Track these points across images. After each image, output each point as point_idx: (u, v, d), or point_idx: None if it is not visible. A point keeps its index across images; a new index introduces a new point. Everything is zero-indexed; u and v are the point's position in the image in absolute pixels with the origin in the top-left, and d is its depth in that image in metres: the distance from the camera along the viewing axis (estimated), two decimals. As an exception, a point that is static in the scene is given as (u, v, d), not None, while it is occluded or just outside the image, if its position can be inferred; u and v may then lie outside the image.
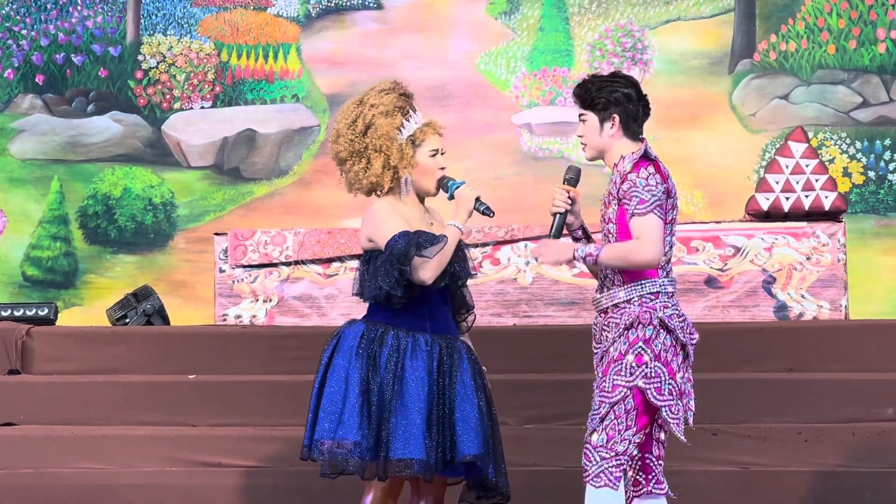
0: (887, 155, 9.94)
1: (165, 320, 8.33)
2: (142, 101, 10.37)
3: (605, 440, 4.81)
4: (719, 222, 8.21)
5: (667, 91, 9.83)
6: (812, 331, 7.47)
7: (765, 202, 8.14)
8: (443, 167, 5.15)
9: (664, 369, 4.82)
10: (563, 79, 10.16)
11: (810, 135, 9.07)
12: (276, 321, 8.14)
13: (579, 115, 5.00)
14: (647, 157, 4.89)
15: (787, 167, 8.21)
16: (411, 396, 4.93)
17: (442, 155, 5.15)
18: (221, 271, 8.25)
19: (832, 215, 8.10)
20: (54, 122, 10.38)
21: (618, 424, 4.80)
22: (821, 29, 10.04)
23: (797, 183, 8.15)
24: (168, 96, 10.37)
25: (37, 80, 10.39)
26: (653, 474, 4.97)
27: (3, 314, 8.08)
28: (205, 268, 9.45)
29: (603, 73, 5.13)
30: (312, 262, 8.21)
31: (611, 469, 4.80)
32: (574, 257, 4.88)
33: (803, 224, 8.05)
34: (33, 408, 7.32)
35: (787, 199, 8.13)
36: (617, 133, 4.94)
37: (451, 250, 5.02)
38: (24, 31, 10.43)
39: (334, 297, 8.15)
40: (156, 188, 10.31)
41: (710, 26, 10.17)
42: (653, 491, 4.96)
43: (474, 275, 5.30)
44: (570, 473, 5.83)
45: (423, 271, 4.95)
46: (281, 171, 10.31)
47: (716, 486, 6.61)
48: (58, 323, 8.21)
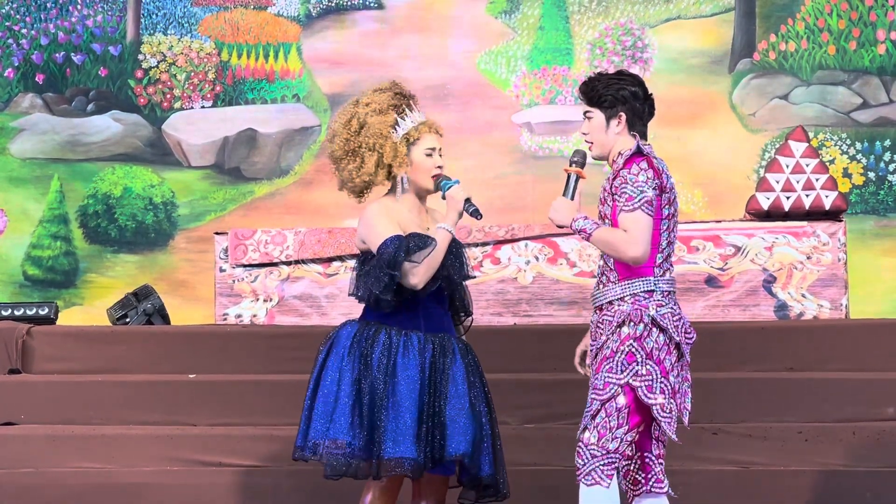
0: (887, 156, 9.94)
1: (166, 320, 8.33)
2: (142, 100, 10.37)
3: (597, 438, 4.80)
4: (720, 221, 8.20)
5: (667, 90, 9.81)
6: (812, 330, 7.47)
7: (765, 201, 8.14)
8: (440, 166, 5.11)
9: (656, 368, 4.79)
10: (563, 78, 10.16)
11: (810, 135, 9.06)
12: (276, 321, 8.14)
13: (585, 113, 4.99)
14: (639, 153, 4.88)
15: (787, 166, 8.20)
16: (402, 395, 4.92)
17: (440, 154, 5.12)
18: (222, 271, 8.25)
19: (833, 215, 8.10)
20: (54, 121, 10.38)
21: (609, 422, 4.79)
22: (821, 29, 10.04)
23: (798, 182, 8.15)
24: (168, 96, 10.37)
25: (37, 79, 10.39)
26: (653, 473, 4.95)
27: (4, 314, 8.07)
28: (205, 267, 9.45)
29: (604, 71, 5.12)
30: (313, 261, 8.21)
31: (602, 467, 4.79)
32: (570, 225, 4.87)
33: (804, 223, 8.04)
34: (33, 407, 7.31)
35: (788, 198, 8.12)
36: (623, 131, 4.93)
37: (440, 254, 4.99)
38: (24, 31, 10.43)
39: (335, 297, 8.14)
40: (156, 188, 10.31)
41: (710, 25, 10.17)
42: (653, 490, 4.94)
43: (473, 276, 5.28)
44: (569, 473, 5.79)
45: (413, 276, 4.95)
46: (282, 170, 10.31)
47: (716, 485, 6.60)
48: (58, 322, 8.20)
